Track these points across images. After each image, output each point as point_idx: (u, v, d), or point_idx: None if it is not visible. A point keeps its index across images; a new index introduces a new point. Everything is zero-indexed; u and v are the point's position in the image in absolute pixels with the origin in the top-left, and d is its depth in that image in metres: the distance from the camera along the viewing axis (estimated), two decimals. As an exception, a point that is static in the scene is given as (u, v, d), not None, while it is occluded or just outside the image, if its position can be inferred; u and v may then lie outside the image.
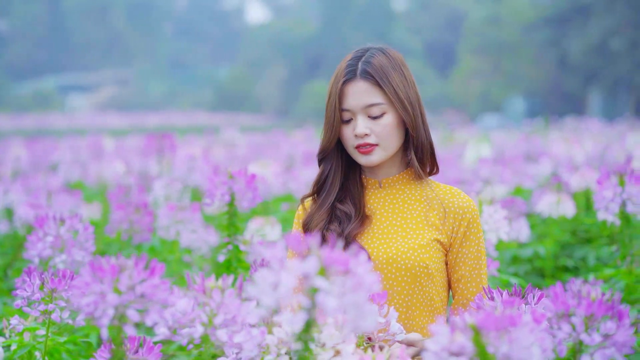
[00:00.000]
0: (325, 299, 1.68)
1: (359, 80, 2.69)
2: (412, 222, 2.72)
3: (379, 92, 2.68)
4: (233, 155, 11.90)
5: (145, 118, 40.59)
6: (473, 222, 2.73)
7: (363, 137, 2.68)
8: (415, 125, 2.70)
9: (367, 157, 2.71)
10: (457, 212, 2.72)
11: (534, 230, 6.07)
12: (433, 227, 2.70)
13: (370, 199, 2.79)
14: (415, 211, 2.74)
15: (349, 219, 2.73)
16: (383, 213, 2.76)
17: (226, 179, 3.53)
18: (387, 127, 2.68)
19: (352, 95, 2.69)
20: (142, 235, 4.81)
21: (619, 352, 1.93)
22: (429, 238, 2.69)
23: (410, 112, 2.68)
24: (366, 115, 2.68)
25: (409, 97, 2.69)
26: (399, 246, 2.68)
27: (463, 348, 1.78)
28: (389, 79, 2.67)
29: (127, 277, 1.90)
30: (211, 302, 2.03)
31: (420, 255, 2.65)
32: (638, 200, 3.83)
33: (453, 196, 2.75)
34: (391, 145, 2.71)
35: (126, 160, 9.69)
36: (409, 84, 2.71)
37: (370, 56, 2.71)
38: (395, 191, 2.78)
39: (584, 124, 22.63)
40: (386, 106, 2.68)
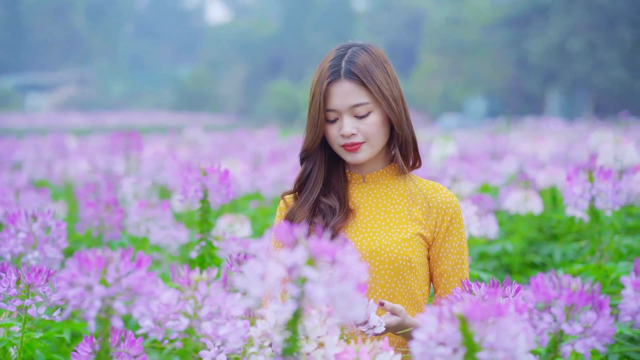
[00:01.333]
0: (314, 289, 1.69)
1: (344, 80, 2.68)
2: (396, 216, 2.74)
3: (364, 92, 2.68)
4: (198, 154, 11.86)
5: (106, 118, 40.33)
6: (455, 217, 2.75)
7: (350, 136, 2.69)
8: (400, 122, 2.72)
9: (354, 155, 2.72)
10: (440, 207, 2.74)
11: (501, 227, 6.13)
12: (416, 222, 2.72)
13: (354, 193, 2.81)
14: (398, 205, 2.76)
15: (333, 213, 2.74)
16: (367, 207, 2.77)
17: (199, 176, 3.53)
18: (373, 125, 2.69)
19: (337, 95, 2.69)
20: (113, 232, 4.79)
21: (600, 341, 1.95)
22: (412, 232, 2.70)
23: (395, 109, 2.69)
24: (352, 114, 2.69)
25: (393, 95, 2.70)
26: (382, 239, 2.69)
27: (450, 337, 1.80)
28: (373, 78, 2.67)
29: (114, 269, 1.90)
30: (196, 295, 2.03)
31: (403, 249, 2.67)
32: (607, 196, 3.89)
33: (436, 191, 2.77)
34: (378, 143, 2.73)
35: (90, 159, 9.62)
36: (392, 80, 2.72)
37: (354, 55, 2.71)
38: (379, 186, 2.80)
39: (544, 123, 22.85)
40: (372, 105, 2.68)
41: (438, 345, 1.81)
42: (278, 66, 58.70)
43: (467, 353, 1.80)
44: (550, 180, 6.40)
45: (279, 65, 58.72)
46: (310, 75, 2.89)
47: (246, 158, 11.56)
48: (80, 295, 1.87)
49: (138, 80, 66.71)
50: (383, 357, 2.03)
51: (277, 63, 58.96)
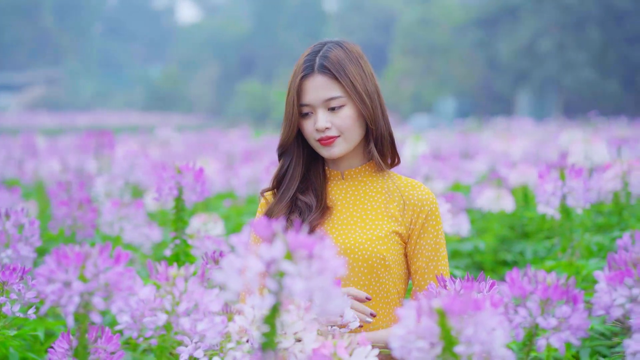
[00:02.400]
0: (292, 283, 1.70)
1: (317, 74, 2.71)
2: (372, 214, 2.75)
3: (336, 86, 2.70)
4: (170, 154, 11.84)
5: (76, 118, 40.10)
6: (431, 214, 2.75)
7: (324, 130, 2.71)
8: (374, 117, 2.73)
9: (329, 149, 2.73)
10: (416, 205, 2.74)
11: (473, 225, 6.16)
12: (392, 219, 2.73)
13: (333, 190, 2.82)
14: (375, 203, 2.77)
15: (310, 210, 2.75)
16: (344, 204, 2.79)
17: (174, 174, 3.53)
18: (346, 119, 2.71)
19: (311, 90, 2.71)
20: (86, 231, 4.77)
21: (574, 335, 1.98)
22: (387, 230, 2.71)
23: (368, 104, 2.71)
24: (326, 108, 2.71)
25: (367, 89, 2.72)
26: (357, 237, 2.70)
27: (429, 331, 1.82)
28: (345, 71, 2.70)
29: (92, 264, 1.90)
30: (174, 290, 2.04)
31: (377, 247, 2.68)
32: (578, 194, 3.93)
33: (413, 188, 2.78)
34: (353, 137, 2.74)
35: (61, 158, 9.57)
36: (367, 76, 2.74)
37: (328, 50, 2.74)
38: (357, 183, 2.81)
39: (515, 123, 22.99)
40: (345, 99, 2.70)
41: (417, 339, 1.82)
42: (249, 66, 58.62)
43: (444, 347, 1.82)
44: (522, 179, 6.45)
45: (250, 65, 58.64)
46: (281, 75, 2.92)
47: (219, 157, 11.56)
48: (59, 291, 1.87)
49: (108, 80, 66.37)
50: (360, 352, 2.04)
51: (248, 63, 58.88)
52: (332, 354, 2.03)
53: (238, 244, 1.76)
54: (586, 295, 3.35)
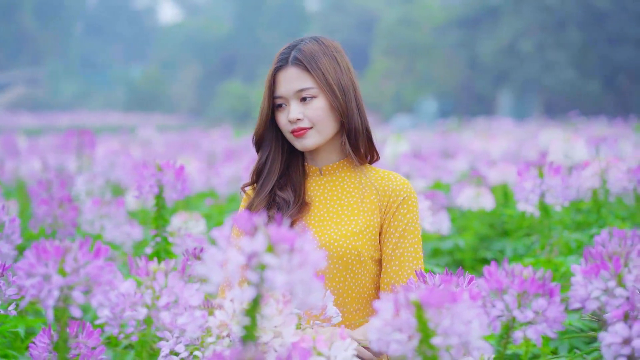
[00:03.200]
0: (273, 275, 1.72)
1: (290, 67, 2.75)
2: (348, 209, 2.77)
3: (308, 77, 2.74)
4: (151, 153, 11.84)
5: (57, 118, 39.94)
6: (404, 202, 2.75)
7: (296, 121, 2.74)
8: (346, 111, 2.75)
9: (301, 140, 2.76)
10: (391, 194, 2.76)
11: (454, 224, 6.19)
12: (368, 213, 2.74)
13: (311, 186, 2.84)
14: (352, 198, 2.78)
15: (288, 205, 2.77)
16: (322, 200, 2.81)
17: (155, 171, 3.54)
18: (318, 110, 2.73)
19: (284, 81, 2.76)
20: (66, 230, 4.76)
21: (550, 328, 2.00)
22: (362, 224, 2.73)
23: (339, 96, 2.73)
24: (298, 100, 2.75)
25: (339, 82, 2.74)
26: (332, 233, 2.72)
27: (406, 324, 1.84)
28: (318, 64, 2.73)
29: (72, 259, 1.91)
30: (155, 285, 2.05)
31: (352, 243, 2.70)
32: (556, 192, 3.96)
33: (389, 180, 2.79)
34: (325, 129, 2.76)
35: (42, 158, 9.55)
36: (342, 69, 2.77)
37: (303, 44, 2.79)
38: (335, 178, 2.83)
39: (495, 123, 23.08)
40: (316, 90, 2.73)
41: (394, 332, 1.84)
42: (231, 66, 58.56)
43: (422, 339, 1.84)
44: (502, 177, 6.49)
45: (232, 65, 58.58)
46: (263, 75, 2.96)
47: (200, 157, 11.57)
48: (38, 285, 1.88)
49: (89, 80, 66.11)
50: (339, 345, 2.06)
51: (229, 63, 58.83)
52: (312, 347, 2.05)
53: (219, 237, 1.78)
54: (565, 291, 3.38)
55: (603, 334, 1.93)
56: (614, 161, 4.62)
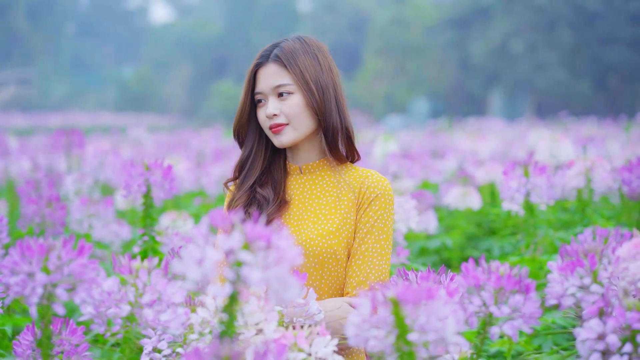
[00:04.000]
0: (249, 272, 1.74)
1: (270, 63, 2.80)
2: (325, 208, 2.79)
3: (286, 74, 2.77)
4: (141, 153, 11.85)
5: (48, 118, 39.88)
6: (377, 199, 2.77)
7: (272, 117, 2.78)
8: (322, 109, 2.78)
9: (278, 136, 2.80)
10: (365, 192, 2.77)
11: (441, 223, 6.23)
12: (344, 211, 2.77)
13: (291, 185, 2.87)
14: (330, 197, 2.81)
15: (268, 203, 2.80)
16: (300, 199, 2.83)
17: (143, 171, 3.57)
18: (294, 107, 2.76)
19: (263, 78, 2.80)
20: (55, 229, 4.78)
21: (526, 323, 2.03)
22: (339, 223, 2.75)
23: (316, 94, 2.76)
24: (276, 96, 2.79)
25: (317, 80, 2.77)
26: (308, 232, 2.75)
27: (383, 320, 1.87)
28: (296, 61, 2.77)
29: (56, 256, 1.94)
30: (138, 282, 2.08)
31: (328, 241, 2.72)
32: (541, 191, 4.00)
33: (366, 177, 2.81)
34: (301, 126, 2.79)
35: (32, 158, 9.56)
36: (322, 68, 2.80)
37: (284, 42, 2.83)
38: (314, 177, 2.86)
39: (485, 124, 23.13)
40: (293, 87, 2.77)
41: (371, 328, 1.88)
42: (222, 66, 58.53)
43: (398, 335, 1.87)
44: (489, 177, 6.53)
45: (224, 66, 58.54)
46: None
47: (190, 156, 11.59)
48: (22, 282, 1.90)
49: (80, 80, 66.02)
50: (320, 342, 2.09)
51: (221, 63, 58.80)
52: (293, 344, 2.08)
53: (197, 235, 1.81)
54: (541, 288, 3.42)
55: (578, 330, 1.96)
56: (598, 161, 4.66)
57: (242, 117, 2.86)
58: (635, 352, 1.90)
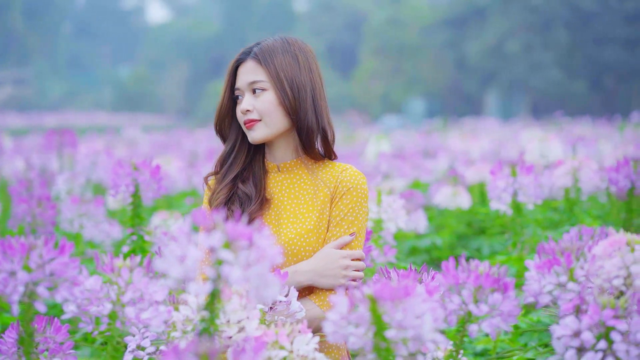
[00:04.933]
0: (229, 271, 1.76)
1: (248, 60, 2.84)
2: (303, 207, 2.82)
3: (262, 71, 2.80)
4: (135, 153, 11.87)
5: (44, 118, 39.86)
6: (349, 192, 2.79)
7: (245, 113, 2.81)
8: (295, 108, 2.79)
9: (250, 132, 2.82)
10: (338, 185, 2.80)
11: (431, 222, 6.25)
12: (320, 207, 2.79)
13: (271, 183, 2.89)
14: (307, 195, 2.83)
15: (249, 200, 2.82)
16: (279, 197, 2.85)
17: (130, 170, 3.58)
18: (266, 103, 2.79)
19: (241, 74, 2.84)
20: (45, 228, 4.80)
21: (505, 321, 2.05)
22: (316, 220, 2.77)
23: (289, 93, 2.78)
24: (251, 92, 2.82)
25: (293, 80, 2.80)
26: (287, 233, 2.76)
27: (361, 317, 1.89)
28: (273, 59, 2.80)
29: (37, 255, 1.96)
30: (119, 280, 2.10)
31: (306, 240, 2.75)
32: (528, 190, 4.03)
33: (340, 172, 2.83)
34: (273, 123, 2.80)
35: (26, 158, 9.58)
36: (300, 68, 2.82)
37: (266, 41, 2.87)
38: (292, 175, 2.88)
39: (480, 123, 23.16)
40: (267, 84, 2.79)
41: (349, 325, 1.90)
42: (219, 66, 58.48)
43: (376, 332, 1.89)
44: (479, 177, 6.55)
45: (220, 66, 58.48)
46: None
47: (183, 156, 11.60)
48: (4, 281, 1.92)
49: (76, 80, 65.99)
50: (301, 339, 2.11)
51: (218, 63, 58.77)
52: (274, 341, 2.10)
53: (179, 233, 1.83)
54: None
55: (554, 327, 1.98)
56: (585, 160, 4.69)
57: (221, 113, 2.90)
58: (610, 349, 1.92)
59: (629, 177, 4.29)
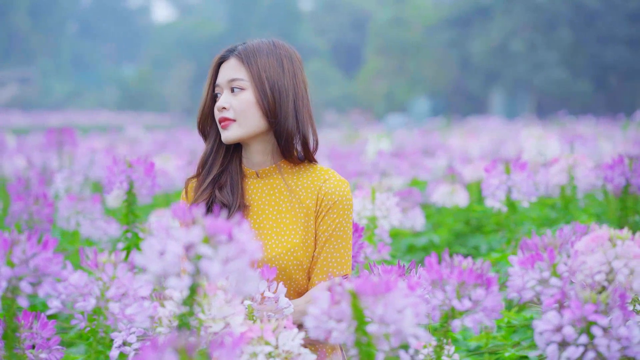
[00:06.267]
0: (208, 265, 1.77)
1: (231, 58, 2.82)
2: (286, 216, 2.78)
3: (243, 69, 2.78)
4: (136, 151, 11.87)
5: (48, 117, 39.88)
6: (335, 206, 2.76)
7: (221, 110, 2.78)
8: (274, 111, 2.75)
9: (224, 132, 2.79)
10: (323, 198, 2.76)
11: (429, 220, 6.25)
12: (305, 218, 2.76)
13: (249, 189, 2.84)
14: (289, 203, 2.79)
15: (228, 209, 2.78)
16: (260, 205, 2.81)
17: (125, 168, 3.58)
18: (243, 102, 2.76)
19: (222, 71, 2.83)
20: (42, 226, 4.81)
21: (488, 317, 2.06)
22: (302, 233, 2.75)
23: (269, 95, 2.75)
24: (230, 90, 2.79)
25: (275, 82, 2.76)
26: (274, 247, 2.73)
27: (342, 312, 1.90)
28: (256, 59, 2.78)
29: (20, 250, 1.97)
30: (103, 276, 2.11)
31: (294, 255, 2.73)
32: (522, 188, 4.03)
33: (324, 181, 2.79)
34: (248, 123, 2.76)
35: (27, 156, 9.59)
36: (283, 72, 2.79)
37: (252, 41, 2.85)
38: (272, 181, 2.83)
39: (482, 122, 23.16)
40: (247, 83, 2.77)
41: (330, 320, 1.90)
42: (223, 66, 58.47)
43: (357, 327, 1.90)
44: (477, 175, 6.55)
45: (224, 65, 58.49)
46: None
47: (183, 154, 11.60)
48: (-14, 276, 1.93)
49: (81, 79, 66.03)
50: (286, 335, 2.12)
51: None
52: (259, 337, 2.10)
53: (158, 228, 1.83)
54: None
55: (536, 322, 1.99)
56: (580, 158, 4.69)
57: (204, 110, 2.87)
58: (591, 344, 1.93)
59: (624, 175, 4.29)
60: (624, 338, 1.93)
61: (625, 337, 1.93)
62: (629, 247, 2.08)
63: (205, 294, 2.11)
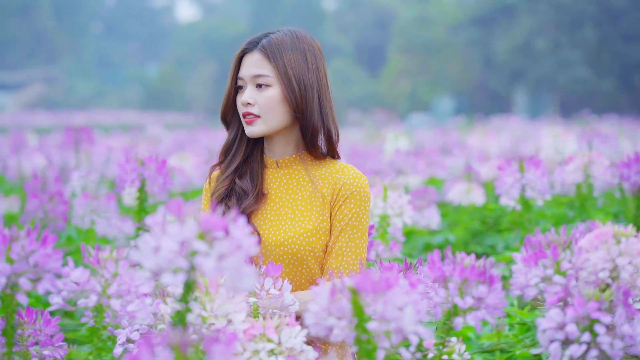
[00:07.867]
0: (203, 262, 1.76)
1: (255, 52, 2.80)
2: (302, 204, 2.80)
3: (268, 65, 2.77)
4: (155, 150, 11.91)
5: (72, 116, 40.08)
6: (352, 196, 2.77)
7: (246, 105, 2.78)
8: (302, 107, 2.77)
9: (249, 127, 2.80)
10: (340, 188, 2.77)
11: (445, 219, 6.22)
12: (321, 207, 2.77)
13: (268, 178, 2.87)
14: (307, 192, 2.81)
15: (246, 195, 2.81)
16: (277, 193, 2.83)
17: (136, 165, 3.58)
18: (269, 99, 2.76)
19: (246, 64, 2.81)
20: (57, 224, 4.82)
21: (490, 314, 2.04)
22: (316, 220, 2.76)
23: (296, 91, 2.75)
24: (254, 85, 2.79)
25: (300, 78, 2.76)
26: (287, 231, 2.75)
27: (342, 309, 1.89)
28: (282, 54, 2.77)
29: (20, 246, 1.97)
30: (105, 273, 2.10)
31: (307, 239, 2.73)
32: (536, 186, 4.01)
33: (342, 173, 2.81)
34: (273, 120, 2.78)
35: (47, 155, 9.64)
36: (308, 67, 2.79)
37: (275, 33, 2.83)
38: (291, 171, 2.85)
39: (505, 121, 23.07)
40: (273, 79, 2.76)
41: (329, 317, 1.89)
42: (246, 65, 58.57)
43: (357, 324, 1.89)
44: (494, 173, 6.52)
45: (248, 65, 58.58)
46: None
47: (202, 153, 11.62)
48: (-14, 272, 1.93)
49: (105, 79, 66.33)
50: (288, 332, 2.11)
51: (245, 62, 58.83)
52: (262, 334, 2.09)
53: (153, 224, 1.82)
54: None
55: (539, 320, 1.97)
56: (596, 156, 4.64)
57: (228, 101, 2.87)
58: (594, 342, 1.90)
59: (640, 173, 4.25)
60: (628, 336, 1.90)
61: (628, 335, 1.91)
62: (633, 244, 2.06)
63: (207, 290, 2.10)
